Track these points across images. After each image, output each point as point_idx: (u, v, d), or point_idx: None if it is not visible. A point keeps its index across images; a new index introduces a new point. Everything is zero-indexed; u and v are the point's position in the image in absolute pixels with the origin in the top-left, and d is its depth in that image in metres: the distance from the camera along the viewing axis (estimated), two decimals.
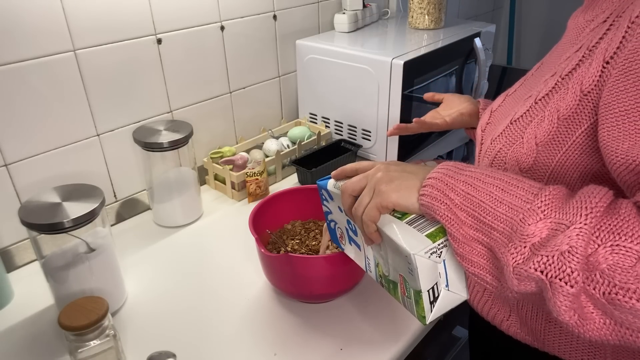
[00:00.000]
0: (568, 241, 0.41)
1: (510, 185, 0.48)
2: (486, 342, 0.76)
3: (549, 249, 0.42)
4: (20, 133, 0.87)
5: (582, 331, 0.43)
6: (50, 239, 0.75)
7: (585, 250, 0.41)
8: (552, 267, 0.42)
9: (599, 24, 0.54)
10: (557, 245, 0.41)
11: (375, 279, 0.65)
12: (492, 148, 0.61)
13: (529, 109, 0.57)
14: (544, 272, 0.42)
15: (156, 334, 0.78)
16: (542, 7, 2.35)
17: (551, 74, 0.57)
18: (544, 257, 0.42)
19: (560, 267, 0.41)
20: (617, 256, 0.40)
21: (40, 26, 0.84)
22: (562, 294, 0.42)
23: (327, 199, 0.69)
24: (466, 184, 0.49)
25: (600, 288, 0.41)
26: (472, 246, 0.49)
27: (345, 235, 0.70)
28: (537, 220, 0.44)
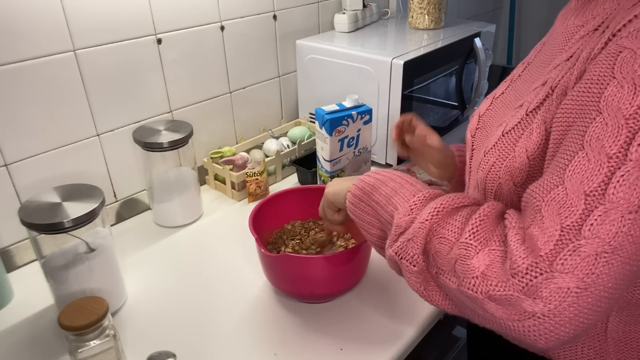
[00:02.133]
0: (413, 232, 0.53)
1: (402, 187, 0.59)
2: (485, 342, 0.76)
3: (404, 237, 0.54)
4: (20, 133, 0.87)
5: (429, 300, 0.54)
6: (50, 239, 0.75)
7: (424, 239, 0.52)
8: (402, 250, 0.54)
9: (589, 31, 0.53)
10: (407, 234, 0.53)
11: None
12: (486, 161, 0.60)
13: (520, 121, 0.57)
14: (397, 254, 0.54)
15: (156, 334, 0.78)
16: (542, 7, 2.35)
17: (541, 82, 0.56)
18: (400, 242, 0.54)
19: (406, 251, 0.53)
20: (440, 245, 0.50)
21: (40, 26, 0.84)
22: (407, 271, 0.54)
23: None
24: (373, 187, 0.62)
25: (433, 269, 0.52)
26: (373, 232, 0.63)
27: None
28: (406, 215, 0.55)
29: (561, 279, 0.41)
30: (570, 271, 0.41)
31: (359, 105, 1.04)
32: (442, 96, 1.31)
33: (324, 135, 1.03)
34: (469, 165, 0.69)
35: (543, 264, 0.42)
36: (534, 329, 0.42)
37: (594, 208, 0.42)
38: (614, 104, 0.43)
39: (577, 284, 0.41)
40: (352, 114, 1.01)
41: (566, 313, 0.41)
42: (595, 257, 0.41)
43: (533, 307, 0.42)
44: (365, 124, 1.05)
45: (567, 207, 0.43)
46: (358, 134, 1.05)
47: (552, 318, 0.41)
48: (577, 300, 0.41)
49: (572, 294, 0.41)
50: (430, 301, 0.54)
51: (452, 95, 1.36)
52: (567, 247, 0.42)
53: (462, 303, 0.50)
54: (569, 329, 0.42)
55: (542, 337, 0.42)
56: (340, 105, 1.04)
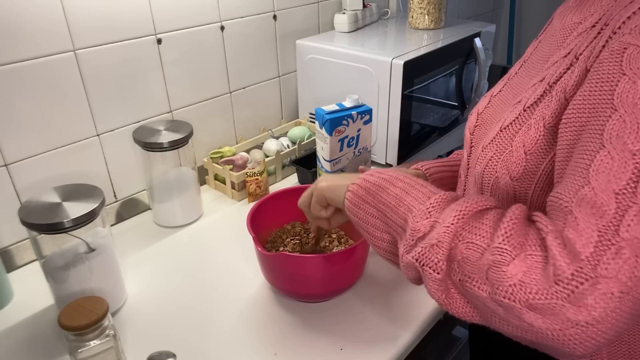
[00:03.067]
0: (437, 236, 0.50)
1: (413, 188, 0.57)
2: (486, 341, 0.76)
3: (425, 242, 0.51)
4: (20, 133, 0.87)
5: (450, 309, 0.51)
6: (50, 239, 0.75)
7: (449, 245, 0.49)
8: (424, 256, 0.50)
9: (587, 28, 0.54)
10: (430, 239, 0.50)
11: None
12: (484, 156, 0.61)
13: (518, 116, 0.57)
14: (418, 260, 0.51)
15: (156, 334, 0.78)
16: (542, 7, 2.35)
17: (539, 79, 0.57)
18: (421, 248, 0.51)
19: (430, 257, 0.50)
20: (468, 251, 0.48)
21: (40, 26, 0.84)
22: (430, 279, 0.50)
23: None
24: (379, 187, 0.60)
25: (457, 276, 0.49)
26: (379, 235, 0.60)
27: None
28: (424, 219, 0.52)
29: (605, 284, 0.40)
30: (614, 275, 0.40)
31: (359, 105, 1.04)
32: (442, 96, 1.31)
33: (324, 135, 1.03)
34: (467, 162, 0.69)
35: (587, 269, 0.41)
36: (575, 338, 0.41)
37: (628, 207, 0.41)
38: (628, 100, 0.43)
39: (620, 288, 0.40)
40: (352, 114, 1.02)
41: (609, 319, 0.40)
42: (636, 259, 0.40)
43: (577, 315, 0.41)
44: (365, 124, 1.05)
45: (598, 207, 0.42)
46: (358, 134, 1.05)
47: (595, 326, 0.41)
48: (620, 306, 0.40)
49: (616, 299, 0.40)
50: (451, 309, 0.51)
51: (452, 95, 1.36)
52: (610, 249, 0.41)
53: (490, 312, 0.47)
54: (609, 335, 0.41)
55: (582, 345, 0.41)
56: (340, 105, 1.04)
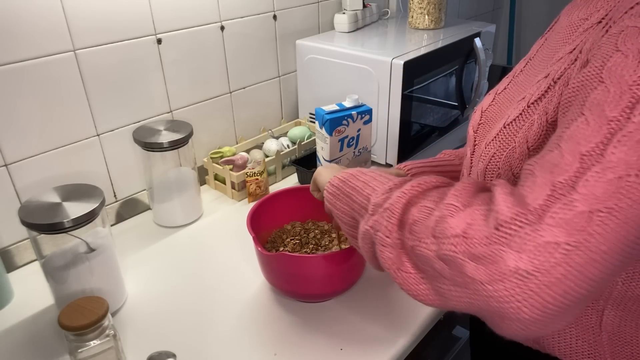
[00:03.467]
0: (390, 201, 0.51)
1: (380, 176, 0.59)
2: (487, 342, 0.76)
3: (379, 209, 0.52)
4: (20, 133, 0.87)
5: (402, 284, 0.49)
6: (50, 239, 0.75)
7: (402, 210, 0.49)
8: (377, 222, 0.51)
9: (593, 24, 0.53)
10: (383, 206, 0.52)
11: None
12: (487, 152, 0.60)
13: (522, 112, 0.57)
14: (372, 227, 0.52)
15: (156, 334, 0.78)
16: (542, 7, 2.35)
17: (544, 75, 0.57)
18: (375, 216, 0.52)
19: (382, 222, 0.51)
20: (420, 214, 0.48)
21: (40, 26, 0.84)
22: (382, 244, 0.50)
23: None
24: (352, 175, 0.62)
25: (409, 242, 0.48)
26: (348, 221, 0.61)
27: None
28: (384, 194, 0.53)
29: (550, 231, 0.38)
30: (561, 225, 0.37)
31: (359, 105, 1.04)
32: (442, 96, 1.31)
33: (324, 135, 1.03)
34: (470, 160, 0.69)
35: (531, 215, 0.39)
36: (517, 290, 0.38)
37: (591, 166, 0.39)
38: (617, 72, 0.41)
39: (567, 239, 0.37)
40: (352, 114, 1.02)
41: (554, 272, 0.37)
42: (589, 214, 0.37)
43: (517, 261, 0.38)
44: (365, 124, 1.05)
45: (561, 167, 0.40)
46: (358, 134, 1.05)
47: (538, 277, 0.37)
48: (567, 259, 0.37)
49: (562, 249, 0.37)
50: (403, 285, 0.49)
51: (452, 95, 1.36)
52: (560, 201, 0.38)
53: (439, 277, 0.45)
54: (556, 293, 0.37)
55: (526, 301, 0.38)
56: (340, 105, 1.04)
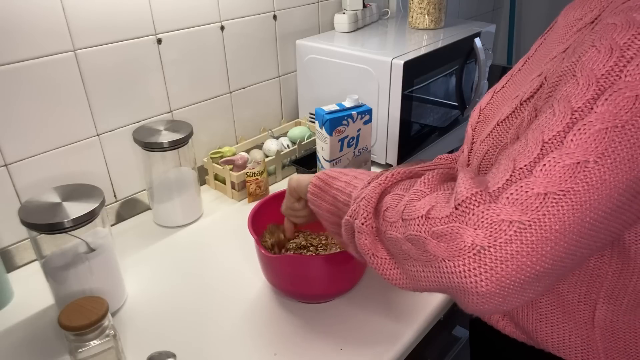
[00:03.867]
0: (366, 192, 0.54)
1: (362, 174, 0.62)
2: (486, 342, 0.76)
3: (357, 200, 0.55)
4: (20, 133, 0.87)
5: (377, 268, 0.52)
6: (50, 239, 0.75)
7: (377, 198, 0.53)
8: (355, 212, 0.54)
9: (586, 24, 0.54)
10: (360, 196, 0.55)
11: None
12: (480, 150, 0.61)
13: (514, 110, 0.57)
14: (351, 216, 0.55)
15: (156, 334, 0.78)
16: (542, 7, 2.36)
17: (537, 74, 0.57)
18: (354, 205, 0.55)
19: (359, 212, 0.54)
20: (393, 200, 0.51)
21: (40, 26, 0.84)
22: (358, 231, 0.53)
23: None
24: (333, 177, 0.64)
25: (382, 227, 0.50)
26: (334, 220, 0.64)
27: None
28: (363, 187, 0.56)
29: (505, 210, 0.40)
30: (515, 205, 0.40)
31: (359, 105, 1.04)
32: (442, 96, 1.31)
33: (324, 135, 1.03)
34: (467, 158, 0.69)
35: (488, 196, 0.41)
36: (474, 265, 0.40)
37: (549, 152, 0.41)
38: (588, 66, 0.43)
39: (520, 217, 0.39)
40: (352, 114, 1.02)
41: (507, 248, 0.39)
42: (544, 196, 0.40)
43: (474, 238, 0.40)
44: (365, 124, 1.05)
45: (523, 154, 0.43)
46: (358, 134, 1.05)
47: (492, 252, 0.39)
48: (520, 236, 0.39)
49: (515, 227, 0.39)
50: (378, 269, 0.52)
51: (452, 95, 1.36)
52: (516, 183, 0.41)
53: (407, 258, 0.47)
54: (510, 269, 0.39)
55: (482, 275, 0.40)
56: (340, 105, 1.04)
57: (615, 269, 0.54)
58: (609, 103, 0.40)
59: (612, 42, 0.42)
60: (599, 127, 0.40)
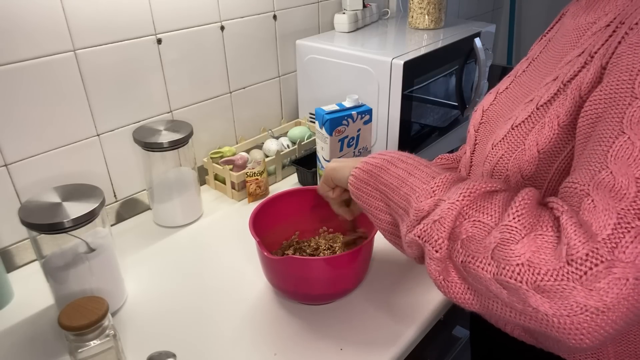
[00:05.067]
0: (440, 213, 0.48)
1: (416, 169, 0.56)
2: (488, 342, 0.76)
3: (428, 219, 0.50)
4: (20, 133, 0.87)
5: (447, 293, 0.49)
6: (50, 239, 0.75)
7: (453, 222, 0.48)
8: (426, 233, 0.49)
9: (601, 27, 0.53)
10: (433, 216, 0.49)
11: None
12: (494, 154, 0.60)
13: (531, 114, 0.57)
14: (421, 237, 0.50)
15: (156, 334, 0.78)
16: (542, 7, 2.35)
17: (552, 78, 0.57)
18: (423, 225, 0.50)
19: (431, 234, 0.49)
20: (475, 229, 0.46)
21: (40, 26, 0.84)
22: (429, 257, 0.49)
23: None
24: (380, 168, 0.59)
25: (460, 257, 0.46)
26: (382, 217, 0.60)
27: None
28: (428, 198, 0.51)
29: (622, 268, 0.38)
30: (632, 260, 0.38)
31: (359, 105, 1.04)
32: (442, 96, 1.31)
33: (324, 135, 1.03)
34: (470, 160, 0.69)
35: (604, 250, 0.38)
36: (584, 325, 0.38)
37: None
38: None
39: (636, 275, 0.37)
40: (352, 114, 1.01)
41: (620, 307, 0.38)
42: None
43: (587, 299, 0.38)
44: (365, 124, 1.05)
45: (617, 191, 0.40)
46: (358, 134, 1.05)
47: (606, 313, 0.38)
48: (633, 294, 0.38)
49: (631, 285, 0.38)
50: (448, 293, 0.49)
51: (452, 95, 1.36)
52: (629, 233, 0.38)
53: (492, 296, 0.45)
54: (619, 325, 0.38)
55: (591, 334, 0.39)
56: (340, 105, 1.04)
57: None
58: None
59: None
60: None
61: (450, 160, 0.87)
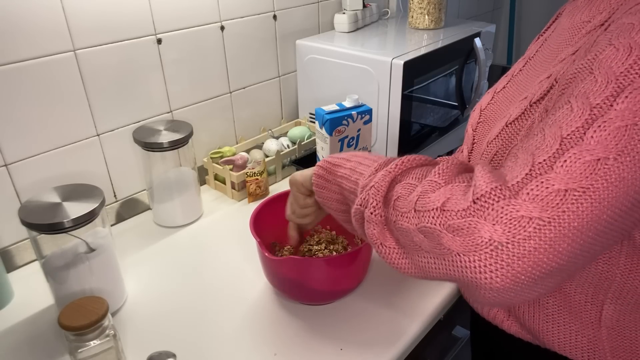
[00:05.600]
0: (376, 179, 0.52)
1: (365, 159, 0.59)
2: (488, 341, 0.76)
3: (367, 187, 0.53)
4: (20, 133, 0.87)
5: (385, 257, 0.51)
6: (50, 239, 0.75)
7: (387, 187, 0.51)
8: (365, 200, 0.53)
9: (595, 26, 0.54)
10: (370, 183, 0.53)
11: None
12: (489, 151, 0.61)
13: (524, 111, 0.57)
14: (361, 205, 0.53)
15: (156, 334, 0.78)
16: (542, 7, 2.36)
17: (546, 75, 0.57)
18: (364, 193, 0.53)
19: (368, 199, 0.52)
20: (404, 190, 0.49)
21: (40, 26, 0.84)
22: (367, 220, 0.52)
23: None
24: (337, 165, 0.63)
25: (392, 217, 0.49)
26: (340, 208, 0.63)
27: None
28: (371, 175, 0.55)
29: (525, 206, 0.39)
30: (535, 201, 0.39)
31: (359, 105, 1.04)
32: (442, 96, 1.31)
33: (324, 135, 1.03)
34: (468, 158, 0.69)
35: (508, 191, 0.41)
36: (490, 261, 0.40)
37: (570, 148, 0.41)
38: (606, 63, 0.43)
39: (540, 214, 0.39)
40: (352, 114, 1.02)
41: (525, 245, 0.39)
42: (565, 192, 0.39)
43: (491, 233, 0.40)
44: (365, 124, 1.05)
45: (541, 149, 0.42)
46: (358, 134, 1.05)
47: (510, 248, 0.39)
48: (538, 233, 0.39)
49: (534, 224, 0.39)
50: (386, 258, 0.51)
51: (452, 95, 1.36)
52: (536, 179, 0.40)
53: (418, 250, 0.47)
54: (527, 265, 0.39)
55: (499, 271, 0.39)
56: (340, 105, 1.04)
57: (623, 269, 0.54)
58: (628, 100, 0.40)
59: (631, 40, 0.42)
60: (619, 125, 0.40)
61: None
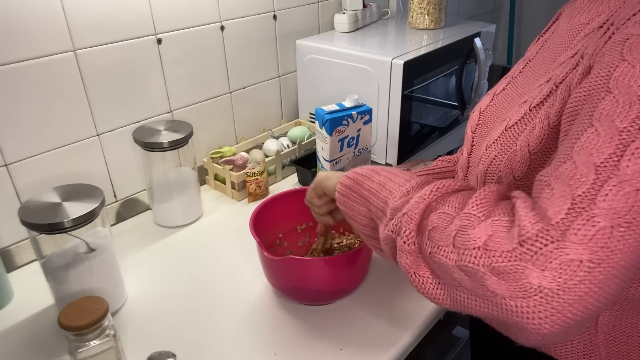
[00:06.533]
0: (409, 207, 0.50)
1: (396, 176, 0.58)
2: (487, 342, 0.76)
3: (399, 214, 0.51)
4: (20, 133, 0.87)
5: (419, 287, 0.49)
6: (50, 239, 0.75)
7: (421, 215, 0.49)
8: (397, 227, 0.51)
9: (594, 29, 0.53)
10: (403, 210, 0.51)
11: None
12: (488, 155, 0.61)
13: (524, 116, 0.57)
14: (393, 232, 0.51)
15: (156, 334, 0.78)
16: (542, 7, 2.35)
17: (546, 79, 0.57)
18: (396, 219, 0.51)
19: (401, 227, 0.50)
20: (439, 220, 0.47)
21: (40, 26, 0.84)
22: (400, 250, 0.50)
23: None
24: (365, 176, 0.61)
25: (427, 248, 0.47)
26: (363, 221, 0.60)
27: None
28: (402, 197, 0.52)
29: (574, 249, 0.37)
30: (584, 242, 0.37)
31: (359, 105, 1.04)
32: (442, 96, 1.31)
33: (324, 135, 1.03)
34: (467, 161, 0.69)
35: (555, 231, 0.38)
36: (540, 308, 0.38)
37: (607, 179, 0.39)
38: (624, 82, 0.42)
39: (590, 257, 0.37)
40: (352, 114, 1.02)
41: (576, 290, 0.37)
42: (611, 230, 0.37)
43: (541, 280, 0.38)
44: (365, 124, 1.05)
45: (576, 179, 0.40)
46: (358, 134, 1.05)
47: (561, 295, 0.37)
48: (589, 276, 0.37)
49: (585, 267, 0.37)
50: (420, 288, 0.50)
51: (452, 95, 1.36)
52: (581, 216, 0.38)
53: (457, 286, 0.45)
54: (577, 310, 0.38)
55: (548, 318, 0.38)
56: (340, 105, 1.04)
57: None
58: None
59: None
60: None
61: (450, 161, 0.87)
